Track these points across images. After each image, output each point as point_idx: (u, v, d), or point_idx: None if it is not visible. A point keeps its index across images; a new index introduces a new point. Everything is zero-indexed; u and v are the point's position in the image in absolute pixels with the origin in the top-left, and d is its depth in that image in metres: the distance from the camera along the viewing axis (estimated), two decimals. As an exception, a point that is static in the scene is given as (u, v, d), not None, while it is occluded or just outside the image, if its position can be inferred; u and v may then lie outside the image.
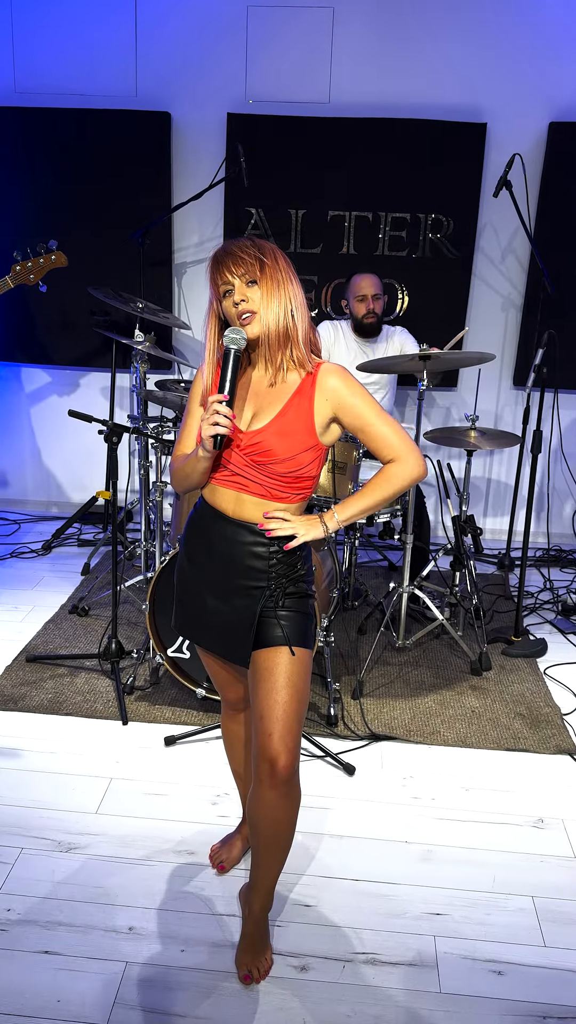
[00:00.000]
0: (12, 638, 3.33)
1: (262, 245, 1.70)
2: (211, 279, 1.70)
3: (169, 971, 1.87)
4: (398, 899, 2.11)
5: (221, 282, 1.68)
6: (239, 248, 1.68)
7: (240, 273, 1.66)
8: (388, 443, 1.71)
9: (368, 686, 3.06)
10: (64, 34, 4.10)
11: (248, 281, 1.66)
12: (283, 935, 1.98)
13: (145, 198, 4.20)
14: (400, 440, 1.72)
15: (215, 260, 1.69)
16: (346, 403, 1.69)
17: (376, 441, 1.72)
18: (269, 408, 1.71)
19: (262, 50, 4.06)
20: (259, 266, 1.66)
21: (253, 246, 1.68)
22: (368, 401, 1.71)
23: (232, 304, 1.67)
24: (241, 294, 1.66)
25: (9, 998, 1.78)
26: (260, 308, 1.67)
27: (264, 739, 1.70)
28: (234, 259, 1.66)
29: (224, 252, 1.69)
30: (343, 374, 1.71)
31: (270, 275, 1.67)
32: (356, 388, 1.71)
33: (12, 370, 4.60)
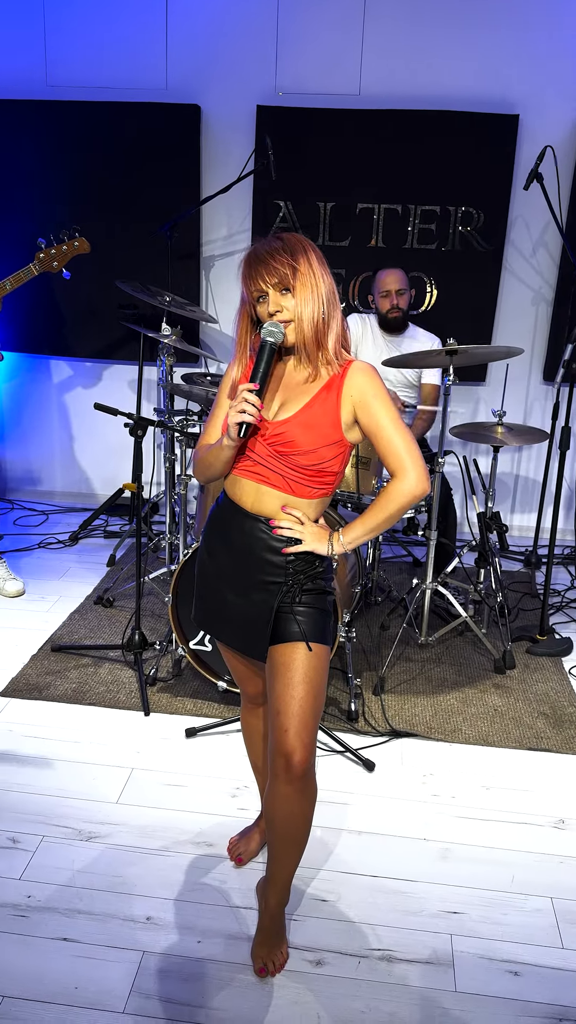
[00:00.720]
0: (38, 627, 3.37)
1: (294, 248, 1.66)
2: (243, 282, 1.69)
3: (186, 961, 1.88)
4: (415, 896, 2.10)
5: (254, 288, 1.67)
6: (271, 255, 1.65)
7: (273, 283, 1.64)
8: (395, 452, 1.70)
9: (390, 682, 3.05)
10: (95, 28, 4.12)
11: (282, 289, 1.65)
12: (299, 929, 1.99)
13: (174, 191, 4.21)
14: (407, 453, 1.69)
15: (247, 265, 1.67)
16: (367, 402, 1.68)
17: (384, 448, 1.71)
18: (296, 400, 1.71)
19: (292, 42, 4.05)
20: (292, 274, 1.64)
21: (285, 251, 1.65)
22: (387, 407, 1.69)
23: (267, 312, 1.67)
24: (276, 304, 1.65)
25: (27, 983, 1.80)
26: (295, 315, 1.65)
27: (280, 734, 1.70)
28: (267, 268, 1.64)
29: (256, 259, 1.66)
30: (371, 374, 1.70)
31: (303, 281, 1.64)
32: (380, 391, 1.69)
33: (41, 363, 4.64)
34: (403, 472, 1.70)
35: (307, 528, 1.74)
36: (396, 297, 3.62)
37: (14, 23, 4.15)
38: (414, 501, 1.72)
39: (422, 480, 1.70)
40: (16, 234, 4.31)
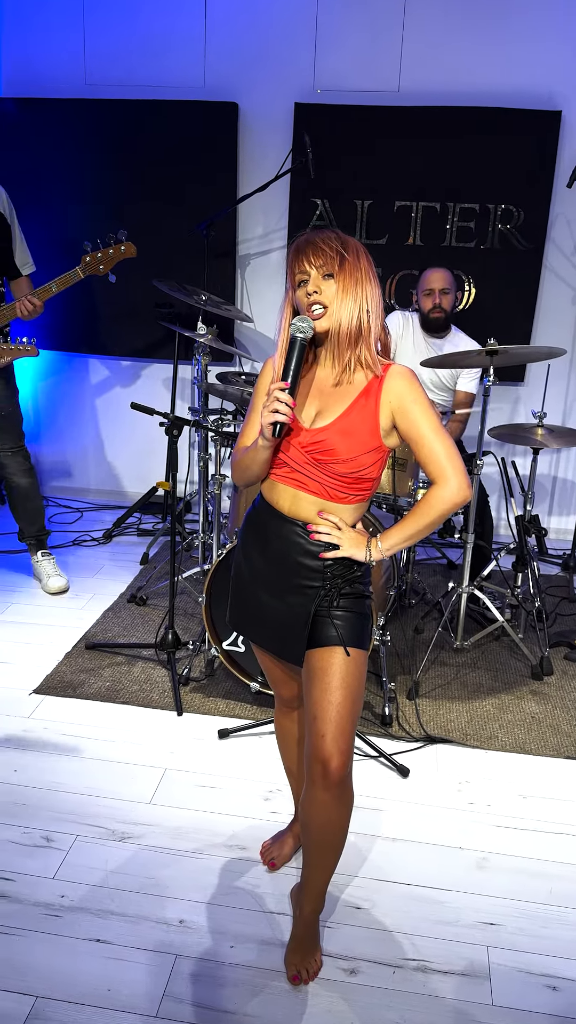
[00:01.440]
0: (73, 625, 3.38)
1: (346, 240, 1.66)
2: (289, 267, 1.68)
3: (219, 966, 1.87)
4: (451, 906, 2.07)
5: (298, 271, 1.65)
6: (322, 239, 1.65)
7: (318, 264, 1.63)
8: (435, 459, 1.66)
9: (424, 687, 3.02)
10: (134, 26, 4.12)
11: (325, 274, 1.63)
12: (333, 937, 1.97)
13: (211, 189, 4.20)
14: (447, 459, 1.66)
15: (296, 248, 1.66)
16: (406, 407, 1.65)
17: (424, 455, 1.67)
18: (334, 407, 1.68)
19: (331, 39, 4.01)
20: (339, 260, 1.63)
21: (337, 239, 1.65)
22: (427, 412, 1.66)
23: (305, 294, 1.65)
24: (315, 285, 1.64)
25: (60, 984, 1.80)
26: (333, 303, 1.64)
27: (317, 740, 1.68)
28: (315, 249, 1.63)
29: (306, 241, 1.66)
30: (410, 378, 1.67)
31: (349, 271, 1.63)
32: (419, 396, 1.66)
33: (78, 361, 4.66)
34: (444, 479, 1.66)
35: (345, 534, 1.71)
36: (439, 296, 3.57)
37: (55, 23, 4.17)
38: (454, 509, 1.69)
39: (463, 487, 1.66)
40: (54, 233, 4.33)
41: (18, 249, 3.42)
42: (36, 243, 3.56)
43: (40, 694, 2.88)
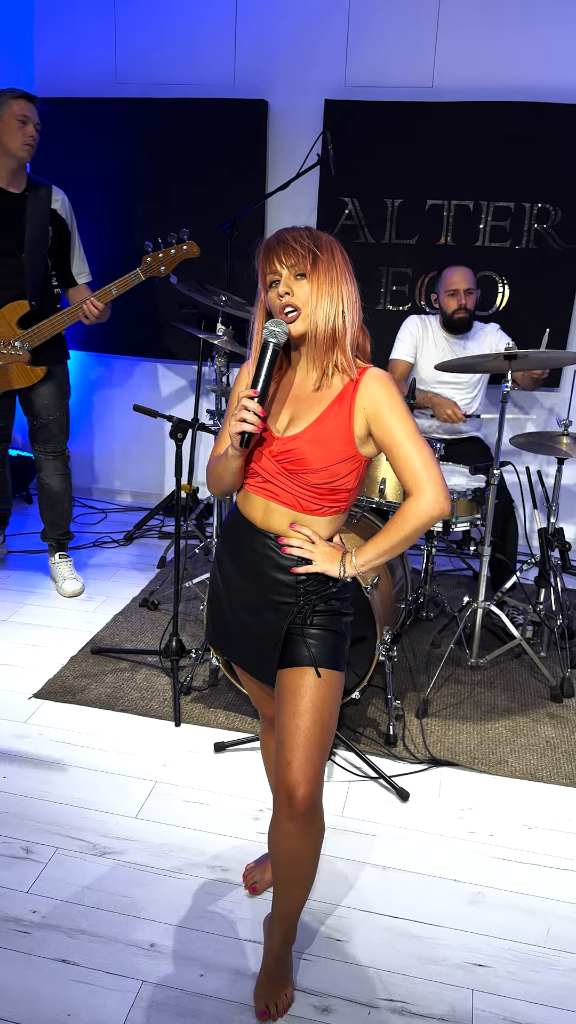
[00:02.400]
0: (82, 628, 3.34)
1: (319, 237, 1.57)
2: (259, 267, 1.59)
3: (184, 995, 1.79)
4: (438, 943, 1.95)
5: (269, 271, 1.56)
6: (293, 237, 1.56)
7: (290, 264, 1.54)
8: (411, 469, 1.56)
9: (435, 705, 2.89)
10: (165, 25, 4.08)
11: (297, 274, 1.54)
12: (308, 970, 1.87)
13: (239, 188, 4.14)
14: (424, 469, 1.55)
15: (266, 247, 1.57)
16: (380, 414, 1.55)
17: (399, 463, 1.57)
18: (307, 414, 1.59)
19: (364, 34, 3.91)
20: (311, 259, 1.54)
21: (309, 237, 1.56)
22: (404, 418, 1.56)
23: (277, 296, 1.55)
24: (287, 286, 1.54)
25: (21, 1005, 1.74)
26: (307, 305, 1.54)
27: (283, 767, 1.58)
28: (285, 248, 1.54)
29: (276, 239, 1.57)
30: (386, 382, 1.57)
31: (323, 270, 1.54)
32: (395, 401, 1.56)
33: (104, 361, 4.64)
34: (420, 490, 1.56)
35: (318, 547, 1.62)
36: (464, 296, 3.44)
37: (86, 23, 4.16)
38: (432, 522, 1.57)
39: (440, 499, 1.55)
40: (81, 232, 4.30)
41: (76, 258, 3.39)
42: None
43: (40, 699, 2.84)
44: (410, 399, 2.73)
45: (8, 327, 3.19)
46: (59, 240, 3.30)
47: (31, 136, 3.09)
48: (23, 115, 3.06)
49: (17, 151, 3.10)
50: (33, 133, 3.10)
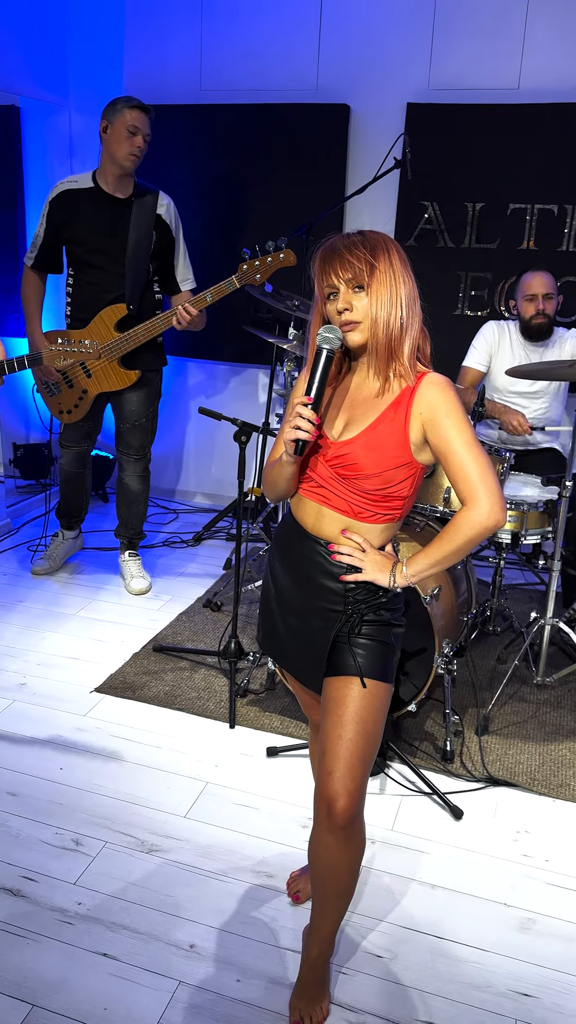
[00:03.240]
0: (146, 626, 3.39)
1: (374, 244, 1.52)
2: (316, 277, 1.55)
3: (220, 999, 1.78)
4: (483, 968, 1.89)
5: (326, 284, 1.53)
6: (347, 248, 1.51)
7: (347, 278, 1.50)
8: (466, 478, 1.50)
9: (496, 723, 2.81)
10: (249, 33, 4.11)
11: (355, 287, 1.50)
12: (347, 984, 1.83)
13: (320, 192, 4.13)
14: (480, 478, 1.50)
15: (321, 258, 1.54)
16: (437, 420, 1.51)
17: (455, 472, 1.52)
18: (362, 419, 1.57)
19: (449, 36, 3.85)
20: (368, 270, 1.49)
21: (364, 245, 1.51)
22: (461, 425, 1.51)
23: (335, 310, 1.53)
24: (345, 302, 1.51)
25: (59, 996, 1.77)
26: (367, 318, 1.51)
27: (324, 778, 1.56)
28: (341, 261, 1.50)
29: (331, 251, 1.52)
30: (444, 388, 1.53)
31: (380, 279, 1.50)
32: (454, 407, 1.51)
33: (178, 364, 4.70)
34: (474, 500, 1.51)
35: (368, 556, 1.59)
36: (543, 302, 3.34)
37: (173, 32, 4.23)
38: (486, 533, 1.52)
39: (496, 510, 1.50)
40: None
41: (180, 264, 3.43)
42: None
43: (100, 693, 2.89)
44: (479, 407, 2.66)
45: (107, 329, 3.26)
46: (162, 245, 3.34)
47: (138, 147, 3.14)
48: (133, 126, 3.12)
49: (122, 160, 3.16)
50: (140, 144, 3.15)
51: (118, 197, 3.25)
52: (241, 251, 3.12)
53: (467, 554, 1.59)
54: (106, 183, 3.24)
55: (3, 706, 2.78)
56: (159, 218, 3.31)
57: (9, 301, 4.69)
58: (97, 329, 3.28)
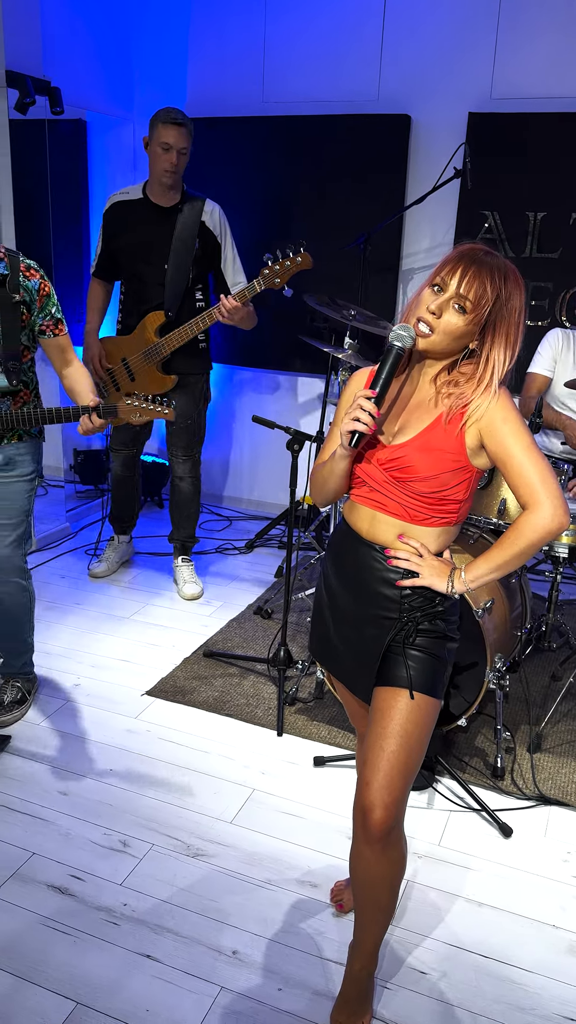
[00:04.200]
0: (197, 631, 3.42)
1: (512, 294, 1.47)
2: (440, 265, 1.49)
3: (261, 1007, 1.78)
4: (529, 989, 1.85)
5: (443, 275, 1.47)
6: (488, 274, 1.45)
7: (464, 291, 1.45)
8: (527, 482, 1.49)
9: (549, 741, 2.75)
10: (312, 45, 4.14)
11: (459, 304, 1.46)
12: (390, 999, 1.82)
13: (380, 202, 4.13)
14: (541, 481, 1.48)
15: (458, 256, 1.47)
16: (495, 427, 1.49)
17: (515, 477, 1.50)
18: (418, 422, 1.56)
19: (512, 44, 3.82)
20: (489, 311, 1.46)
21: (499, 284, 1.46)
22: (519, 431, 1.49)
23: (427, 303, 1.48)
24: (440, 307, 1.46)
25: (102, 994, 1.79)
26: (442, 335, 1.48)
27: (362, 787, 1.55)
28: (473, 278, 1.45)
29: (473, 259, 1.46)
30: (503, 397, 1.51)
31: (497, 330, 1.48)
32: (510, 413, 1.50)
33: (234, 372, 4.74)
34: (537, 504, 1.49)
35: (426, 561, 1.57)
36: None
37: (236, 45, 4.28)
38: (549, 537, 1.50)
39: (559, 513, 1.48)
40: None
41: (230, 268, 3.49)
42: None
43: (151, 696, 2.92)
44: (536, 417, 2.62)
45: (150, 335, 3.35)
46: (205, 252, 3.40)
47: (171, 163, 3.21)
48: (165, 143, 3.19)
49: (159, 176, 3.26)
50: (174, 160, 3.22)
51: (164, 207, 3.34)
52: (264, 257, 3.18)
53: (528, 559, 1.56)
54: (153, 194, 3.35)
55: (57, 706, 2.83)
56: (203, 225, 3.38)
57: (73, 310, 4.79)
58: (140, 335, 3.38)
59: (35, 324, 2.43)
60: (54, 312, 2.44)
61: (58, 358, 2.51)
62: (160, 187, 3.31)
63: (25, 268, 2.37)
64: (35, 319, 2.42)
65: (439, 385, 1.55)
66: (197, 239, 3.36)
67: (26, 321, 2.40)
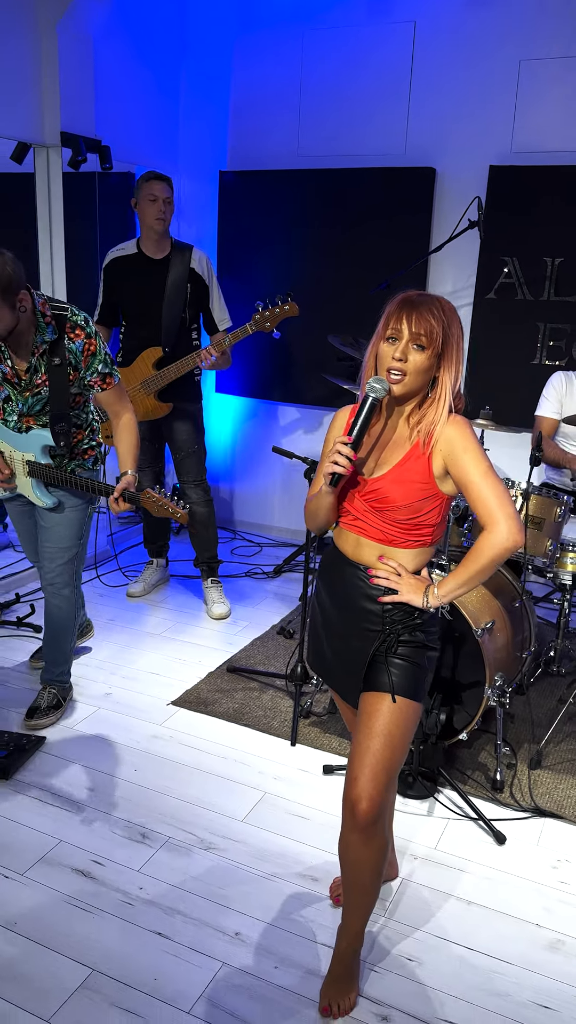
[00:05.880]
0: (222, 648, 3.63)
1: (451, 318, 1.68)
2: (385, 317, 1.69)
3: (258, 982, 1.96)
4: (507, 979, 1.99)
5: (393, 327, 1.67)
6: (430, 311, 1.65)
7: (415, 333, 1.65)
8: (485, 505, 1.67)
9: (551, 759, 2.89)
10: (344, 103, 4.42)
11: (417, 344, 1.66)
12: (377, 981, 1.98)
13: (406, 250, 4.37)
14: (497, 504, 1.66)
15: (400, 304, 1.67)
16: (456, 455, 1.69)
17: (474, 500, 1.69)
18: (392, 457, 1.76)
19: (531, 102, 4.05)
20: (441, 340, 1.66)
21: (442, 316, 1.66)
22: (477, 458, 1.68)
23: (390, 355, 1.67)
24: (403, 352, 1.66)
25: (116, 964, 1.98)
26: (414, 375, 1.67)
27: (349, 781, 1.74)
28: (420, 318, 1.64)
29: (411, 304, 1.66)
30: (462, 426, 1.71)
31: (444, 356, 1.68)
32: (470, 443, 1.69)
33: (268, 407, 5.00)
34: (493, 524, 1.67)
35: (404, 579, 1.77)
36: None
37: (275, 105, 4.59)
38: (506, 554, 1.68)
39: (513, 532, 1.66)
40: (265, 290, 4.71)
41: (216, 308, 3.83)
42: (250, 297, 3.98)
43: (176, 706, 3.13)
44: (536, 451, 2.79)
45: (147, 367, 3.71)
46: (197, 295, 3.76)
47: (160, 211, 3.60)
48: (152, 194, 3.58)
49: (152, 224, 3.63)
50: (162, 208, 3.60)
51: (156, 258, 3.71)
52: (256, 304, 3.54)
53: (490, 574, 1.74)
54: (147, 247, 3.71)
55: (89, 712, 3.06)
56: (192, 271, 3.73)
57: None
58: (139, 367, 3.72)
59: (84, 380, 2.66)
60: (100, 368, 2.64)
61: (108, 410, 2.76)
62: (152, 238, 3.67)
63: (71, 328, 2.57)
64: (83, 376, 2.65)
65: (412, 422, 1.75)
66: (188, 283, 3.71)
67: (73, 379, 2.65)
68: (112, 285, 3.78)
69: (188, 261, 3.72)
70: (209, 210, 4.92)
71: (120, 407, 2.75)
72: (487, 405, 3.13)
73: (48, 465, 2.71)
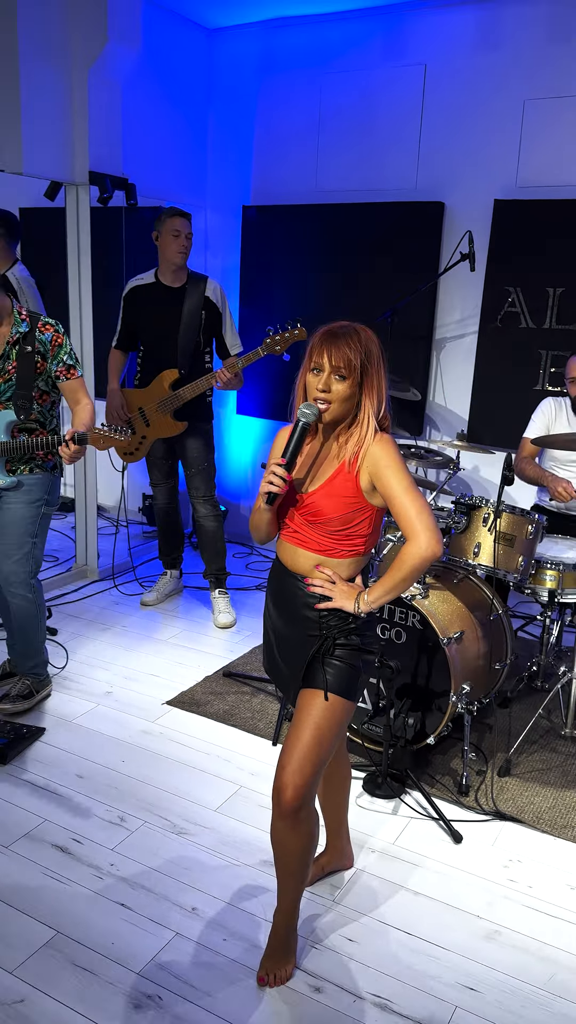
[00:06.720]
0: (222, 655, 3.82)
1: (370, 350, 1.82)
2: (309, 350, 1.86)
3: (205, 951, 2.13)
4: (440, 963, 2.12)
5: (315, 360, 1.84)
6: (348, 344, 1.79)
7: (335, 365, 1.80)
8: (405, 517, 1.82)
9: (520, 768, 3.00)
10: (360, 141, 4.65)
11: (339, 375, 1.82)
12: (315, 957, 2.13)
13: (416, 280, 4.55)
14: (417, 516, 1.81)
15: (322, 338, 1.83)
16: (380, 471, 1.85)
17: (397, 513, 1.84)
18: (324, 474, 1.93)
19: (535, 139, 4.22)
20: (360, 371, 1.80)
21: (361, 349, 1.80)
22: (399, 474, 1.84)
23: (315, 386, 1.84)
24: (326, 384, 1.82)
25: (79, 928, 2.18)
26: (339, 402, 1.83)
27: (278, 770, 1.90)
28: (339, 352, 1.78)
29: (332, 337, 1.82)
30: (386, 444, 1.87)
31: (365, 383, 1.83)
32: (392, 459, 1.85)
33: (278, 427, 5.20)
34: (414, 535, 1.83)
35: (337, 586, 1.93)
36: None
37: (295, 145, 4.85)
38: (426, 563, 1.84)
39: (432, 543, 1.81)
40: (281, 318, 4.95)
41: (228, 334, 4.09)
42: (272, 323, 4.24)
43: (170, 705, 3.33)
44: (506, 471, 2.92)
45: (163, 389, 3.95)
46: (210, 321, 4.02)
47: (183, 246, 3.88)
48: (176, 230, 3.86)
49: (172, 258, 3.90)
50: (184, 243, 3.88)
51: (174, 287, 3.97)
52: (267, 328, 3.77)
53: (414, 582, 1.90)
54: (165, 277, 3.98)
55: (89, 707, 3.28)
56: (207, 299, 3.99)
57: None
58: (156, 388, 3.97)
59: (51, 371, 2.98)
60: (66, 359, 2.99)
61: (70, 398, 3.05)
62: (171, 269, 3.93)
63: (42, 325, 2.95)
64: (50, 366, 2.97)
65: (340, 441, 1.92)
66: (203, 311, 3.96)
67: (41, 368, 2.95)
68: (131, 312, 4.06)
69: (203, 290, 3.98)
70: (233, 243, 5.19)
71: (81, 395, 3.04)
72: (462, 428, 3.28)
73: (7, 442, 2.94)
